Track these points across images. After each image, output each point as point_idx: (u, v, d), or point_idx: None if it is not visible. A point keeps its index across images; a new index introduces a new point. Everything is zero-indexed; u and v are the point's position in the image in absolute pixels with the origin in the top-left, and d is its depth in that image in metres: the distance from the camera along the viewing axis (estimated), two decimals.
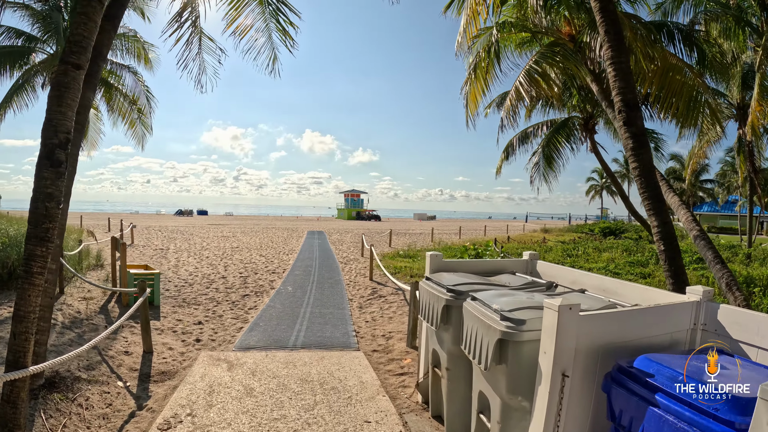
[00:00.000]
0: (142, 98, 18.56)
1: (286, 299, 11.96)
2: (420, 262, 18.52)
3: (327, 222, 70.67)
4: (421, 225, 67.51)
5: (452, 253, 22.04)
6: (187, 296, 12.12)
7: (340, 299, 12.21)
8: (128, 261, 17.67)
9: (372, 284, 14.47)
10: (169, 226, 42.87)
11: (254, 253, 22.42)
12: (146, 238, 28.34)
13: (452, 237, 39.05)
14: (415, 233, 43.16)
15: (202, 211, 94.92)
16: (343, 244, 29.59)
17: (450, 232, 45.73)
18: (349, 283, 14.72)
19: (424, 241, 34.20)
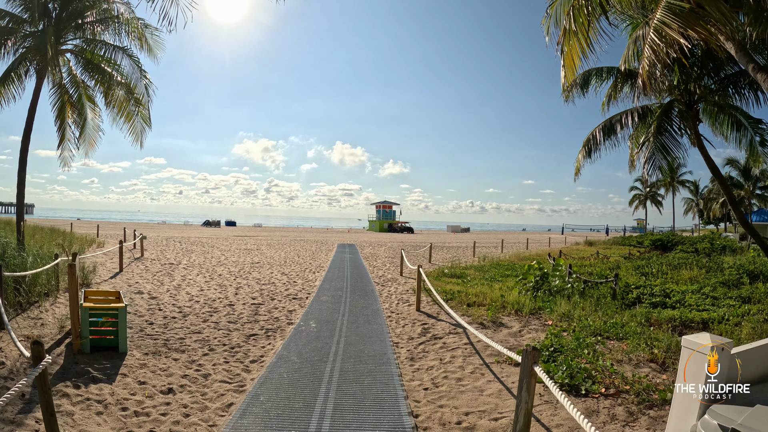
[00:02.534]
0: (140, 86, 15.64)
1: (305, 344, 8.60)
2: (475, 285, 15.06)
3: (358, 234, 67.55)
4: (456, 237, 64.54)
5: (503, 271, 19.09)
6: (173, 335, 8.89)
7: (381, 344, 8.83)
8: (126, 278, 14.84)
9: (420, 317, 11.15)
10: (192, 237, 40.19)
11: (276, 270, 19.23)
12: (160, 250, 25.39)
13: (493, 250, 35.80)
14: (453, 246, 39.86)
15: (230, 222, 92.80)
16: (377, 259, 26.22)
17: (489, 245, 42.40)
18: (391, 316, 11.40)
19: (465, 255, 30.94)
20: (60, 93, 16.04)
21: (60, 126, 16.24)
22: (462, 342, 8.96)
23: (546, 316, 10.86)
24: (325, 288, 15.00)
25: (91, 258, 18.15)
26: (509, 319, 10.71)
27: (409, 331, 9.88)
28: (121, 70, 15.64)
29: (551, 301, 11.97)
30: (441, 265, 22.53)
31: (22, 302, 9.77)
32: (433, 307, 12.18)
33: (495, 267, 20.59)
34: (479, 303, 12.08)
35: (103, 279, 14.55)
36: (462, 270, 19.06)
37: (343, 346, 8.52)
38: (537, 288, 13.20)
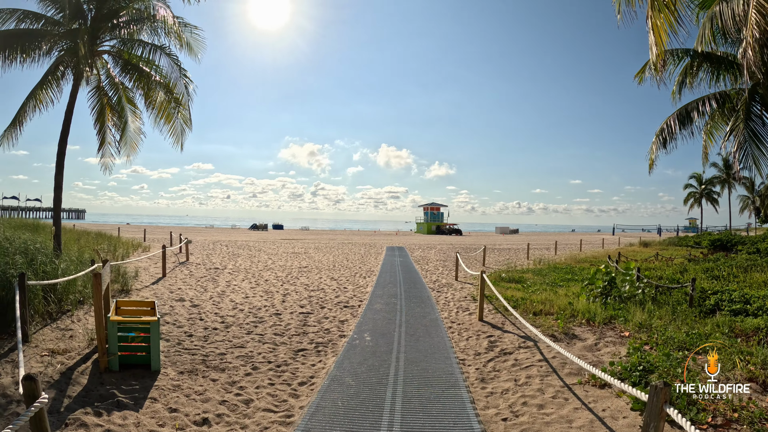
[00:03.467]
0: (179, 85, 14.89)
1: (361, 362, 7.53)
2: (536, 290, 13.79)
3: (406, 236, 66.50)
4: (505, 239, 62.98)
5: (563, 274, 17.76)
6: (213, 350, 7.95)
7: (445, 361, 7.69)
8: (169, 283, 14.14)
9: (484, 328, 9.98)
10: (239, 240, 39.79)
11: (324, 275, 18.28)
12: (206, 254, 24.82)
13: (545, 252, 34.33)
14: (504, 248, 38.50)
15: (277, 226, 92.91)
16: (429, 262, 25.08)
17: (540, 247, 40.85)
18: (452, 326, 10.26)
19: (518, 257, 29.65)
20: (98, 96, 15.57)
21: (99, 129, 15.78)
22: (535, 358, 7.78)
23: (620, 326, 9.66)
24: (378, 294, 13.97)
25: (135, 263, 17.63)
26: (581, 330, 9.47)
27: (474, 345, 8.74)
28: (160, 70, 14.97)
29: (623, 309, 10.73)
30: (496, 269, 21.32)
31: (53, 312, 9.01)
32: (496, 316, 11.02)
33: (553, 270, 19.31)
34: (546, 311, 10.85)
35: (144, 285, 13.83)
36: (519, 274, 17.78)
37: (404, 364, 7.42)
38: (606, 294, 11.92)
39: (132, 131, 16.52)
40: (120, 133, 16.17)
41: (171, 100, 14.86)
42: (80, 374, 6.44)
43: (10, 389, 5.69)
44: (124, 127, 16.18)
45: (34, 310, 8.45)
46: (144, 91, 14.96)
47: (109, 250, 19.46)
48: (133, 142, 16.67)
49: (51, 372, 6.41)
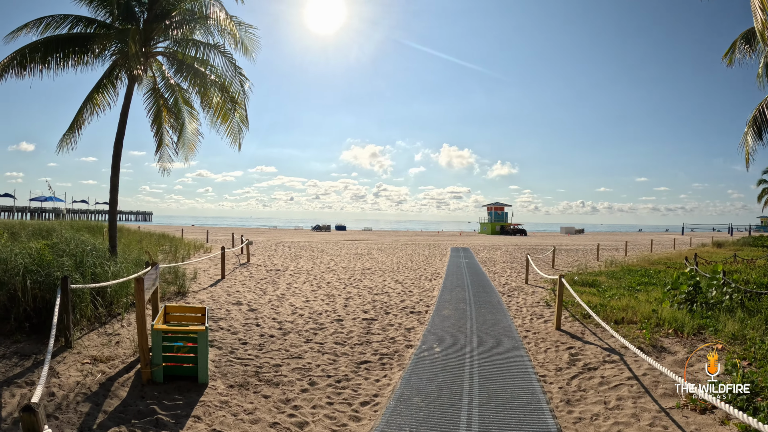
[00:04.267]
0: (235, 84, 14.42)
1: (430, 378, 6.64)
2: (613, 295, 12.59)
3: (470, 237, 65.16)
4: (571, 239, 60.92)
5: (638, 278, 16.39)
6: (268, 361, 7.22)
7: (524, 378, 6.72)
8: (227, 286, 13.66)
9: (563, 338, 8.95)
10: (302, 241, 39.44)
11: (388, 277, 17.49)
12: (268, 255, 24.40)
13: (614, 253, 32.56)
14: (571, 249, 36.81)
15: (340, 226, 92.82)
16: (496, 264, 23.97)
17: (609, 248, 38.90)
18: (527, 335, 9.26)
19: (587, 258, 28.06)
20: (154, 98, 15.34)
21: (156, 132, 15.55)
22: (624, 376, 6.72)
23: (711, 337, 8.53)
24: (445, 299, 13.06)
25: (194, 264, 17.25)
26: (669, 341, 8.35)
27: (553, 359, 7.75)
28: (216, 69, 14.57)
29: (712, 318, 9.54)
30: (567, 271, 20.08)
31: (102, 315, 8.50)
32: (574, 324, 9.94)
33: (628, 273, 17.90)
34: (628, 319, 9.74)
35: (202, 287, 13.35)
36: (593, 277, 16.55)
37: (478, 382, 6.50)
38: (691, 300, 10.71)
39: (189, 133, 16.22)
40: (177, 135, 15.92)
41: (227, 100, 14.38)
42: (120, 386, 5.84)
43: (42, 401, 5.09)
44: (181, 128, 15.90)
45: (80, 313, 7.99)
46: (199, 91, 14.52)
47: (170, 251, 19.24)
48: (191, 143, 16.35)
49: (89, 382, 5.84)
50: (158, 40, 14.34)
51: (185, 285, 12.50)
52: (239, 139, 15.00)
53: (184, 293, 12.08)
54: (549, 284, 15.72)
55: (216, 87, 14.32)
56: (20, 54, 12.75)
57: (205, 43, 14.16)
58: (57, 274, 7.73)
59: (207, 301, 11.46)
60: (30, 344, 6.82)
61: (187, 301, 11.39)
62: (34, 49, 12.86)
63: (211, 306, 10.94)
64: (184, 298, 11.60)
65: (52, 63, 13.09)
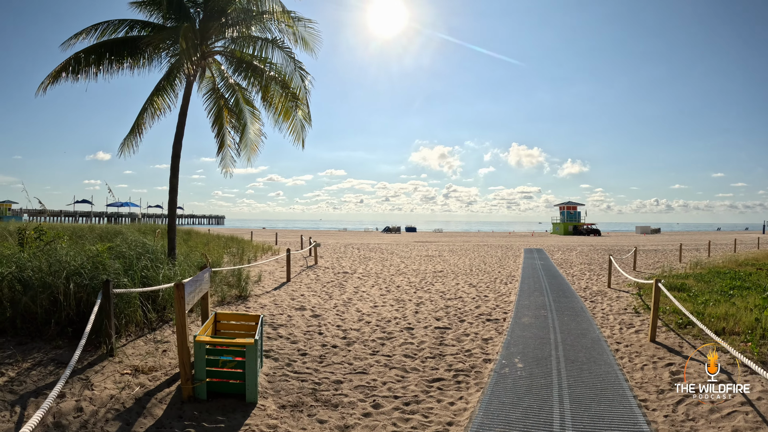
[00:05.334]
0: (295, 79, 13.84)
1: (514, 402, 5.62)
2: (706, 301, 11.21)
3: (542, 237, 63.21)
4: (647, 239, 58.09)
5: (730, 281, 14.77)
6: (328, 376, 6.38)
7: (622, 402, 5.62)
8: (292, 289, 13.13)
9: (659, 351, 7.77)
10: (371, 243, 38.87)
11: (461, 280, 16.47)
12: (336, 258, 23.80)
13: (696, 254, 30.39)
14: (650, 250, 34.62)
15: (410, 228, 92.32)
16: (572, 266, 22.57)
17: (690, 248, 36.50)
18: (619, 348, 8.08)
19: (668, 259, 26.16)
20: (214, 98, 15.05)
21: (218, 133, 15.24)
22: (736, 400, 5.57)
23: None
24: (524, 305, 11.98)
25: (261, 266, 16.77)
26: None
27: (652, 378, 6.61)
28: (275, 65, 14.07)
29: None
30: (650, 274, 18.66)
31: (153, 320, 7.93)
32: (669, 334, 8.78)
33: (716, 276, 16.31)
34: (730, 330, 8.54)
35: (265, 290, 12.76)
36: (681, 280, 15.10)
37: (570, 407, 5.46)
38: None
39: (252, 133, 15.84)
40: (239, 136, 15.56)
41: (288, 96, 13.82)
42: (158, 402, 5.18)
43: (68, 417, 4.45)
44: (243, 129, 15.52)
45: (127, 319, 7.41)
46: (259, 88, 14.06)
47: (237, 254, 18.86)
48: (254, 144, 15.96)
49: (125, 396, 5.20)
50: (215, 39, 13.98)
51: (247, 288, 11.96)
52: (302, 137, 14.46)
53: (245, 297, 11.53)
54: (634, 288, 14.42)
55: (276, 83, 13.83)
56: (74, 58, 12.66)
57: (263, 39, 13.66)
58: (103, 276, 7.18)
59: (269, 306, 10.82)
60: (70, 351, 6.34)
61: (247, 305, 10.76)
62: (89, 52, 12.73)
63: (272, 311, 10.29)
64: (245, 303, 11.00)
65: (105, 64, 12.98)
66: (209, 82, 15.02)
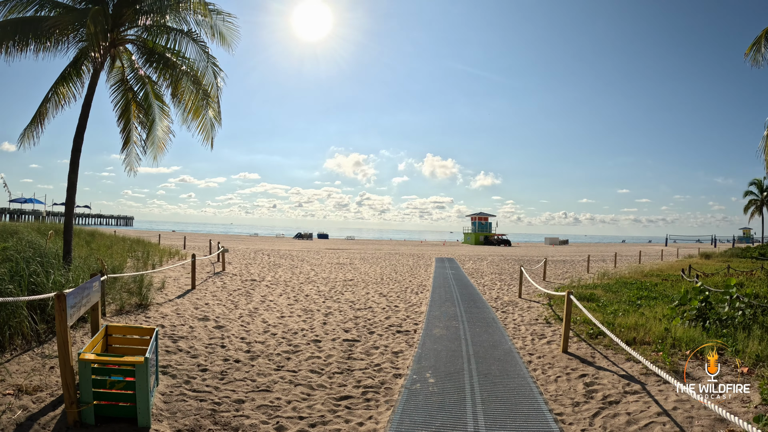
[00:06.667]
0: (208, 75, 13.35)
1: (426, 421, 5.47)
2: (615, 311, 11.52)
3: (454, 247, 64.44)
4: (556, 250, 60.66)
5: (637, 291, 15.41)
6: (229, 396, 5.99)
7: (538, 417, 5.64)
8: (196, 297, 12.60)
9: (572, 362, 7.94)
10: (282, 250, 38.32)
11: (372, 290, 16.35)
12: (245, 264, 23.21)
13: (602, 264, 32.29)
14: (558, 260, 36.16)
15: (322, 235, 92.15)
16: (483, 275, 22.98)
17: (597, 259, 38.41)
18: (531, 360, 8.18)
19: (576, 270, 27.56)
20: (123, 90, 14.24)
21: (124, 127, 14.43)
22: (652, 411, 5.72)
23: (733, 358, 7.68)
24: (435, 316, 11.94)
25: (166, 271, 16.07)
26: (690, 365, 7.49)
27: (566, 390, 6.65)
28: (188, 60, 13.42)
29: (728, 336, 8.73)
30: (560, 284, 19.22)
31: (42, 332, 7.32)
32: (580, 345, 9.00)
33: (624, 286, 16.97)
34: (641, 339, 8.80)
35: (168, 298, 12.17)
36: (589, 291, 15.55)
37: (484, 424, 5.31)
38: (703, 317, 9.84)
39: (160, 130, 15.06)
40: (147, 132, 14.74)
41: (199, 93, 13.24)
42: (41, 428, 4.69)
43: None
44: (151, 125, 14.76)
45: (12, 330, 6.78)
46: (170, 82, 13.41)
47: (142, 258, 18.02)
48: (161, 141, 15.17)
49: (5, 421, 4.69)
50: (128, 27, 13.23)
51: (149, 296, 11.32)
52: (212, 136, 13.93)
53: (146, 306, 10.89)
54: (545, 298, 14.74)
55: (188, 78, 13.24)
56: None
57: (177, 30, 13.03)
58: None
59: (170, 315, 10.27)
60: None
61: (148, 315, 10.16)
62: None
63: (174, 321, 9.76)
64: (146, 312, 10.38)
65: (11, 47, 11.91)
66: (118, 73, 14.21)
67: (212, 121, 13.78)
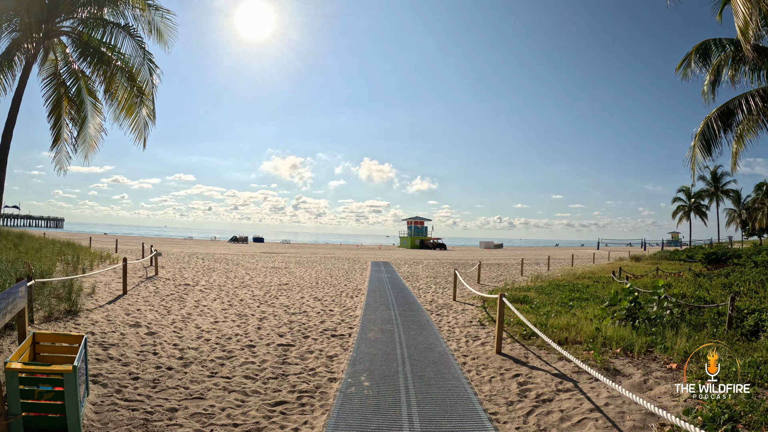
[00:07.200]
0: (143, 71, 13.08)
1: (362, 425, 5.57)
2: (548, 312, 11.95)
3: (390, 251, 64.97)
4: (491, 254, 62.01)
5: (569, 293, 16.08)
6: (161, 404, 5.95)
7: (473, 417, 5.85)
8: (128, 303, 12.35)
9: (506, 363, 8.23)
10: (217, 253, 37.82)
11: (307, 294, 16.39)
12: (179, 268, 22.81)
13: (536, 267, 33.58)
14: (493, 264, 37.16)
15: (258, 238, 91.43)
16: (419, 279, 23.34)
17: (531, 262, 39.61)
18: (466, 362, 8.43)
19: (510, 273, 28.42)
20: (55, 85, 13.77)
21: (55, 123, 13.97)
22: (584, 407, 6.05)
23: (661, 355, 8.18)
24: (370, 319, 12.09)
25: (97, 276, 15.65)
26: (621, 362, 7.91)
27: (501, 390, 6.90)
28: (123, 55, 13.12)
29: (658, 334, 9.26)
30: (494, 287, 19.71)
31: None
32: (514, 346, 9.34)
33: (557, 288, 17.68)
34: (572, 339, 9.22)
35: (98, 304, 11.85)
36: (523, 293, 16.03)
37: (420, 426, 5.48)
38: (633, 317, 10.46)
39: (92, 128, 14.63)
40: (78, 129, 14.30)
41: (133, 90, 12.97)
42: None
43: None
44: (83, 122, 14.32)
45: None
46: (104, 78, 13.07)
47: (72, 262, 17.51)
48: (93, 140, 14.80)
49: None
50: (64, 18, 12.84)
51: (78, 302, 10.99)
52: (144, 136, 13.70)
53: (76, 312, 10.55)
54: (479, 301, 15.12)
55: (123, 74, 12.95)
56: None
57: (114, 24, 12.73)
58: None
59: (101, 322, 10.03)
60: None
61: (77, 321, 9.90)
62: None
63: (104, 328, 9.54)
64: (75, 318, 10.08)
65: None
66: (51, 66, 13.77)
67: (146, 120, 13.55)
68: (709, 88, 14.90)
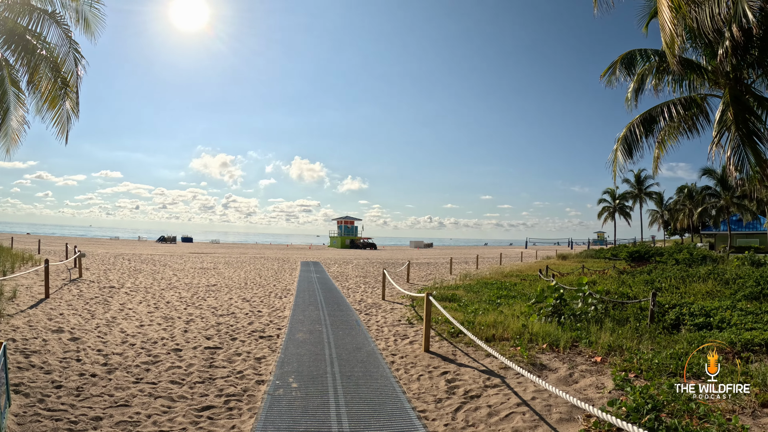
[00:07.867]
0: (69, 61, 12.72)
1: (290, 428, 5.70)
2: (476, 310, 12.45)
3: (320, 251, 65.09)
4: (421, 253, 63.16)
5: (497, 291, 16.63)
6: (86, 413, 5.92)
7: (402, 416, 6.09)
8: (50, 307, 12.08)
9: (434, 361, 8.56)
10: (144, 254, 37.00)
11: (235, 295, 16.39)
12: (104, 270, 22.26)
13: (465, 266, 34.62)
14: (422, 263, 37.88)
15: (186, 238, 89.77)
16: (348, 279, 23.63)
17: (460, 261, 40.65)
18: (394, 360, 8.71)
19: (439, 272, 29.23)
20: None
21: None
22: (512, 402, 6.41)
23: (586, 349, 8.68)
24: (298, 320, 12.23)
25: (19, 278, 15.26)
26: (547, 357, 8.36)
27: (429, 388, 7.19)
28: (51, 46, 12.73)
29: (583, 329, 9.81)
30: (423, 286, 20.18)
31: None
32: (442, 344, 9.69)
33: (485, 287, 18.28)
34: (499, 336, 9.67)
35: (19, 308, 11.56)
36: (451, 291, 16.48)
37: (349, 426, 5.69)
38: (558, 313, 11.02)
39: (15, 120, 13.99)
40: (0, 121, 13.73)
41: (57, 80, 12.60)
42: None
43: None
44: (5, 113, 13.60)
45: None
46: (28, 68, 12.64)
47: None
48: (15, 133, 14.08)
49: None
50: None
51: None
52: (67, 129, 13.26)
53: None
54: (408, 300, 15.46)
55: (47, 64, 12.49)
56: None
57: (41, 10, 12.31)
58: None
59: (22, 328, 9.80)
60: None
61: None
62: None
63: (26, 334, 9.33)
64: None
65: None
66: None
67: (69, 113, 13.14)
68: (633, 96, 15.80)
